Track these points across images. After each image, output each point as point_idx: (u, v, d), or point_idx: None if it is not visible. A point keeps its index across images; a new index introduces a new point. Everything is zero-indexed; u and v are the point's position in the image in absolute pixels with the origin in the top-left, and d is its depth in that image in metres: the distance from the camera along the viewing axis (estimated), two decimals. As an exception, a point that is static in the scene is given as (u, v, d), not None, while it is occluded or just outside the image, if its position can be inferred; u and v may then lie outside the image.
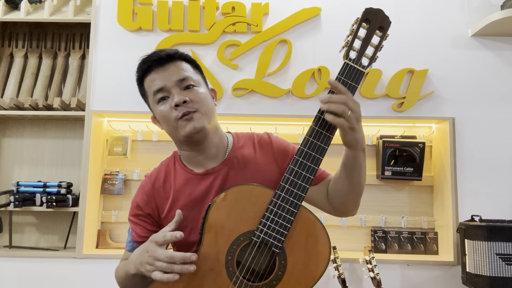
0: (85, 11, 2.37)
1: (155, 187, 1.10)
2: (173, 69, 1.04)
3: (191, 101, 1.01)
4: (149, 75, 1.06)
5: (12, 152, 2.41)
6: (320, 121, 0.92)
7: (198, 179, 1.07)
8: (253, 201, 0.92)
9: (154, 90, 1.04)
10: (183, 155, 1.12)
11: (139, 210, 1.10)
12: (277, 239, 0.89)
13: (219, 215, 0.92)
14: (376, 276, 1.94)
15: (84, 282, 2.12)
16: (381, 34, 0.98)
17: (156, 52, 1.06)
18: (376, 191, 2.33)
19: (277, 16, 2.27)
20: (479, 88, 2.24)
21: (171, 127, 1.04)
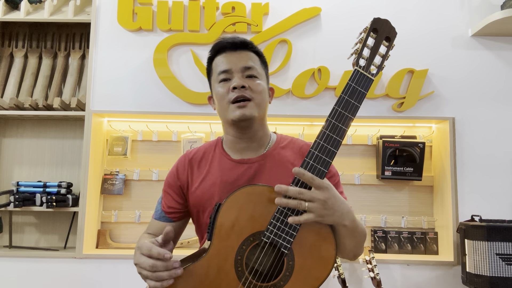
0: (85, 11, 2.37)
1: (191, 163, 1.15)
2: (243, 56, 1.10)
3: (249, 89, 1.06)
4: (219, 56, 1.12)
5: (12, 152, 2.41)
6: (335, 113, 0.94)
7: (232, 165, 1.11)
8: (264, 202, 0.92)
9: (219, 70, 1.10)
10: (226, 139, 1.15)
11: (172, 181, 1.16)
12: (286, 240, 0.90)
13: (229, 215, 0.92)
14: (376, 276, 1.94)
15: (84, 282, 2.12)
16: (387, 44, 1.01)
17: (231, 37, 1.12)
18: (376, 191, 2.34)
19: (277, 16, 2.27)
20: (479, 88, 2.24)
21: (223, 108, 1.09)
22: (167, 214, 1.16)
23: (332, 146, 0.93)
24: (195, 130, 2.33)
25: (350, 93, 0.96)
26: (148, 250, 0.87)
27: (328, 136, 0.93)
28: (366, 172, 2.33)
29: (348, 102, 0.95)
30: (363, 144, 2.36)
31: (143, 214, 2.31)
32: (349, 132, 2.33)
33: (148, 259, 0.86)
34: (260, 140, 1.13)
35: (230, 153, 1.13)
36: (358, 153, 2.36)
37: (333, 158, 0.93)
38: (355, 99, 0.96)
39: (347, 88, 0.96)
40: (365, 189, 2.34)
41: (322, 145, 0.92)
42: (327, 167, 0.92)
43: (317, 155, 0.92)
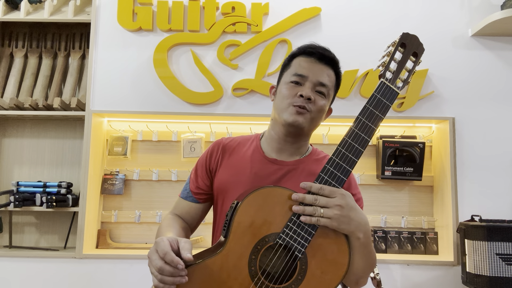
0: (85, 11, 2.37)
1: (224, 148, 1.18)
2: (324, 71, 1.11)
3: (313, 102, 1.08)
4: (304, 58, 1.12)
5: (12, 152, 2.41)
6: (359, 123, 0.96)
7: (264, 161, 1.13)
8: (282, 205, 0.93)
9: (298, 72, 1.10)
10: (268, 135, 1.17)
11: (203, 162, 1.19)
12: (301, 244, 0.91)
13: (247, 214, 0.92)
14: (376, 276, 1.94)
15: (84, 282, 2.12)
16: (414, 59, 1.04)
17: (323, 48, 1.13)
18: (376, 191, 2.34)
19: (277, 16, 2.27)
20: (479, 88, 2.24)
21: (282, 106, 1.10)
22: (194, 195, 1.18)
23: (353, 155, 0.94)
24: (195, 130, 2.33)
25: (375, 104, 0.97)
26: (163, 253, 0.86)
27: (349, 145, 0.94)
28: (366, 172, 2.33)
29: (372, 113, 0.97)
30: (363, 144, 2.35)
31: (143, 214, 2.31)
32: (349, 132, 2.33)
33: (159, 259, 0.86)
34: (298, 148, 1.16)
35: (266, 151, 1.16)
36: (358, 153, 2.36)
37: (353, 166, 0.93)
38: (380, 110, 0.97)
39: (372, 99, 0.98)
40: (365, 189, 2.34)
41: (343, 154, 0.94)
42: (347, 175, 0.93)
43: (338, 163, 0.93)
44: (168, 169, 2.32)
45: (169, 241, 0.88)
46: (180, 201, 1.21)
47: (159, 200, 2.33)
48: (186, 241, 0.89)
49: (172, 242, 0.88)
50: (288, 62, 1.16)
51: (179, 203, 1.21)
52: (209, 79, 2.24)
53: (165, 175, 2.32)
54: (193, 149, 2.29)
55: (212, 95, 2.23)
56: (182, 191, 1.22)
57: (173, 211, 1.21)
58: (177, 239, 0.89)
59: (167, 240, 0.88)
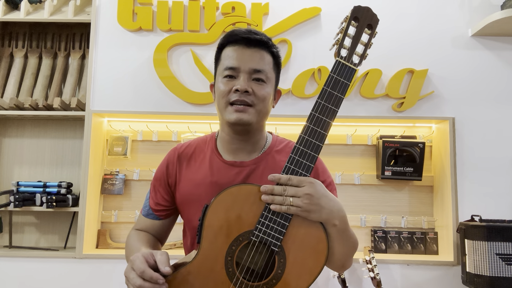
0: (85, 11, 2.37)
1: (180, 158, 1.12)
2: (255, 56, 1.03)
3: (252, 94, 1.01)
4: (231, 47, 1.04)
5: (12, 152, 2.41)
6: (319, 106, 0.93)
7: (224, 166, 1.07)
8: (252, 201, 0.91)
9: (227, 65, 1.02)
10: (221, 137, 1.11)
11: (160, 176, 1.13)
12: (276, 237, 0.89)
13: (217, 216, 0.91)
14: (376, 276, 1.94)
15: (84, 282, 2.12)
16: (370, 32, 1.00)
17: (248, 31, 1.04)
18: (376, 191, 2.34)
19: (277, 16, 2.27)
20: (479, 88, 2.24)
21: (221, 106, 1.04)
22: (155, 212, 1.13)
23: (317, 140, 0.91)
24: (195, 130, 2.33)
25: (332, 85, 0.94)
26: (141, 272, 0.82)
27: (312, 130, 0.91)
28: (366, 172, 2.33)
29: (331, 94, 0.93)
30: (363, 144, 2.36)
31: (143, 214, 2.30)
32: (349, 132, 2.33)
33: (137, 277, 0.83)
34: (255, 143, 1.09)
35: (223, 153, 1.10)
36: (358, 153, 2.36)
37: (318, 151, 0.91)
38: (338, 90, 0.94)
39: (329, 80, 0.94)
40: (365, 189, 2.34)
41: (307, 140, 0.91)
42: (313, 161, 0.91)
43: (302, 151, 0.91)
44: (168, 169, 2.32)
45: (144, 257, 0.85)
46: (141, 218, 1.15)
47: (159, 200, 2.32)
48: (162, 253, 0.86)
49: (147, 257, 0.85)
50: (218, 55, 1.08)
51: (141, 220, 1.15)
52: (209, 79, 2.24)
53: (165, 175, 2.32)
54: (193, 149, 2.28)
55: (212, 95, 2.22)
56: (143, 207, 1.16)
57: (136, 227, 1.16)
58: (152, 253, 0.86)
59: (142, 257, 0.85)
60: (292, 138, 2.45)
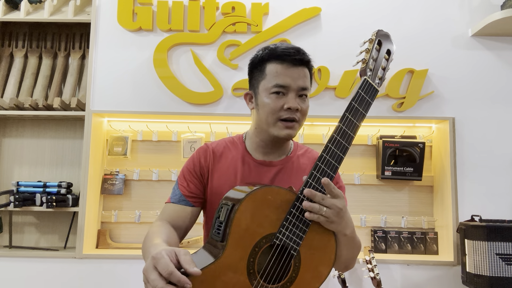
0: (85, 11, 2.37)
1: (213, 152, 1.18)
2: (301, 74, 1.09)
3: (299, 112, 1.08)
4: (279, 65, 1.08)
5: (12, 152, 2.41)
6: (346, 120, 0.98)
7: (254, 165, 1.15)
8: (277, 204, 0.93)
9: (277, 82, 1.07)
10: (253, 141, 1.18)
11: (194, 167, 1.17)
12: (296, 242, 0.92)
13: (245, 216, 0.91)
14: (376, 276, 1.94)
15: (84, 282, 2.12)
16: (388, 57, 1.06)
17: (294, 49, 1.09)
18: (376, 191, 2.34)
19: (277, 16, 2.27)
20: (479, 88, 2.24)
21: (269, 121, 1.09)
22: (188, 198, 1.14)
23: (341, 152, 0.96)
24: (195, 130, 2.33)
25: (359, 102, 0.99)
26: (168, 273, 0.74)
27: (338, 142, 0.96)
28: (366, 172, 2.33)
29: (357, 110, 0.99)
30: (363, 144, 2.36)
31: (143, 214, 2.31)
32: (349, 132, 2.33)
33: (161, 279, 0.75)
34: (284, 148, 1.18)
35: (253, 153, 1.17)
36: (358, 153, 2.36)
37: (340, 163, 0.97)
38: (363, 108, 1.00)
39: (357, 97, 0.99)
40: (365, 189, 2.34)
41: (333, 151, 0.96)
42: (335, 172, 0.96)
43: (328, 160, 0.95)
44: (168, 169, 2.32)
45: (168, 255, 0.77)
46: (170, 206, 1.15)
47: (159, 200, 2.33)
48: (185, 253, 0.79)
49: (171, 255, 0.78)
50: (260, 66, 1.11)
51: (168, 208, 1.15)
52: (209, 79, 2.24)
53: (165, 175, 2.32)
54: (193, 149, 2.29)
55: (212, 95, 2.23)
56: (172, 196, 1.16)
57: (161, 217, 1.13)
58: (175, 251, 0.79)
59: (166, 256, 0.77)
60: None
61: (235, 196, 0.96)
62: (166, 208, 1.15)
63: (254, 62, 1.13)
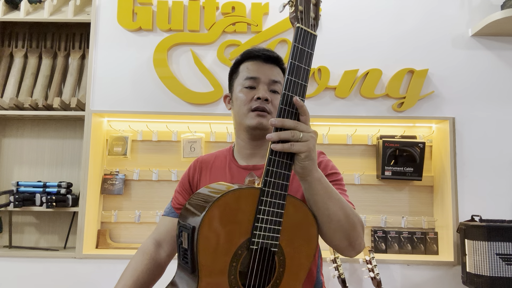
0: (85, 11, 2.37)
1: (202, 165, 1.22)
2: (273, 70, 1.15)
3: (270, 103, 1.11)
4: (250, 62, 1.15)
5: (12, 152, 2.41)
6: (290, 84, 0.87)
7: (239, 170, 1.16)
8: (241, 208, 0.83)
9: (248, 75, 1.13)
10: (237, 144, 1.21)
11: (184, 180, 1.22)
12: (274, 237, 0.85)
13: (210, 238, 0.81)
14: (376, 276, 1.94)
15: (84, 282, 2.12)
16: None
17: (266, 49, 1.16)
18: (376, 191, 2.33)
19: (277, 16, 2.27)
20: (479, 88, 2.24)
21: (241, 113, 1.13)
22: (176, 210, 1.19)
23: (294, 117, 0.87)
24: (195, 130, 2.33)
25: (299, 57, 0.87)
26: None
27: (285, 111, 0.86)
28: (366, 172, 2.33)
29: (299, 68, 0.87)
30: (363, 144, 2.36)
31: (143, 214, 2.31)
32: (349, 132, 2.33)
33: None
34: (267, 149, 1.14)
35: (238, 160, 1.19)
36: (358, 153, 2.36)
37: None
38: (305, 62, 0.87)
39: (295, 52, 0.86)
40: (365, 189, 2.34)
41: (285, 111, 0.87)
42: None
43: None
44: (168, 169, 2.32)
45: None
46: (162, 219, 1.21)
47: (159, 200, 2.33)
48: None
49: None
50: (235, 69, 1.19)
51: (161, 221, 1.21)
52: (209, 79, 2.24)
53: (165, 175, 2.32)
54: (193, 149, 2.28)
55: (212, 95, 2.23)
56: (165, 209, 1.23)
57: (153, 234, 1.19)
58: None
59: None
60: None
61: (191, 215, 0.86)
62: (160, 221, 1.22)
63: (232, 67, 1.21)
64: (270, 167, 0.85)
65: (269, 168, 0.85)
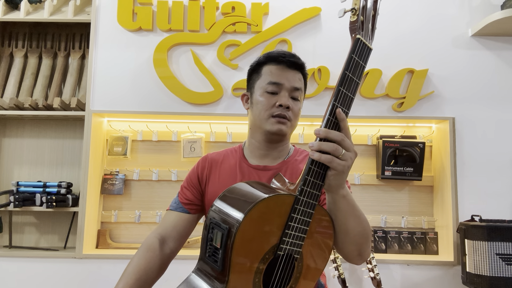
0: (85, 11, 2.37)
1: (211, 163, 1.22)
2: (296, 76, 1.14)
3: (291, 110, 1.12)
4: (274, 66, 1.14)
5: (12, 152, 2.41)
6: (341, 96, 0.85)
7: (250, 170, 1.17)
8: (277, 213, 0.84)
9: (271, 80, 1.13)
10: (249, 143, 1.21)
11: (192, 177, 1.22)
12: (299, 245, 0.86)
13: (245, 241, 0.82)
14: (376, 276, 1.94)
15: (84, 282, 2.12)
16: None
17: (290, 54, 1.15)
18: (376, 191, 2.33)
19: (277, 16, 2.27)
20: (479, 88, 2.24)
21: (261, 117, 1.13)
22: (184, 205, 1.19)
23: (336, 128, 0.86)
24: (195, 130, 2.33)
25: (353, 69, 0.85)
26: None
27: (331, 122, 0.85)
28: (366, 172, 2.33)
29: (351, 80, 0.85)
30: (363, 144, 2.36)
31: (143, 214, 2.31)
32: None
33: None
34: (280, 151, 1.19)
35: (249, 159, 1.20)
36: (358, 153, 2.35)
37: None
38: (357, 75, 0.86)
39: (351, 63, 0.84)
40: (365, 189, 2.34)
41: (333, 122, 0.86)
42: None
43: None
44: (168, 169, 2.32)
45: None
46: (168, 213, 1.20)
47: (159, 200, 2.33)
48: None
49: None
50: (257, 69, 1.18)
51: (167, 216, 1.20)
52: (209, 79, 2.24)
53: (165, 175, 2.32)
54: (193, 149, 2.29)
55: (212, 95, 2.23)
56: (171, 205, 1.22)
57: (158, 229, 1.18)
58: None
59: None
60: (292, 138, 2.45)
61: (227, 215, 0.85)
62: (165, 216, 1.22)
63: (253, 66, 1.20)
64: (309, 177, 0.84)
65: (307, 178, 0.84)
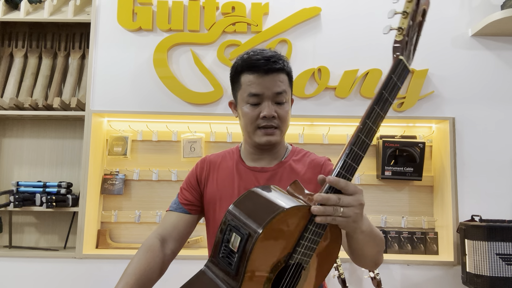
0: (85, 11, 2.37)
1: (210, 164, 1.23)
2: (275, 80, 1.08)
3: (277, 117, 1.09)
4: (250, 74, 1.08)
5: (12, 152, 2.41)
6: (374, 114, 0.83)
7: (247, 171, 1.17)
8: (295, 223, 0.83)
9: (251, 92, 1.08)
10: (244, 148, 1.22)
11: (191, 178, 1.23)
12: (310, 255, 0.86)
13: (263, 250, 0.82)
14: (376, 276, 1.94)
15: (84, 282, 2.12)
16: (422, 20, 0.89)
17: (266, 58, 1.07)
18: (376, 191, 2.34)
19: (277, 16, 2.27)
20: (479, 88, 2.24)
21: (248, 130, 1.12)
22: (184, 206, 1.19)
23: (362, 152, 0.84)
24: (195, 130, 2.33)
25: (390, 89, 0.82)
26: None
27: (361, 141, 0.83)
28: (366, 172, 2.33)
29: (386, 100, 0.83)
30: (363, 144, 2.35)
31: (143, 214, 2.31)
32: (349, 132, 2.33)
33: None
34: (276, 153, 1.19)
35: (246, 161, 1.20)
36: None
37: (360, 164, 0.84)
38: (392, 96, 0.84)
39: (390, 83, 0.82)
40: (365, 189, 2.32)
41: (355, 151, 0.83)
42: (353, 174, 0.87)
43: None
44: (168, 169, 2.32)
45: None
46: (168, 214, 1.20)
47: (159, 200, 2.33)
48: None
49: None
50: (236, 78, 1.12)
51: (167, 216, 1.19)
52: (209, 79, 2.24)
53: (165, 175, 2.32)
54: (193, 149, 2.28)
55: (212, 95, 2.23)
56: (171, 205, 1.22)
57: (158, 229, 1.17)
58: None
59: None
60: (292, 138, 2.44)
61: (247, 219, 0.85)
62: (165, 217, 1.21)
63: (231, 74, 1.15)
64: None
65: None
